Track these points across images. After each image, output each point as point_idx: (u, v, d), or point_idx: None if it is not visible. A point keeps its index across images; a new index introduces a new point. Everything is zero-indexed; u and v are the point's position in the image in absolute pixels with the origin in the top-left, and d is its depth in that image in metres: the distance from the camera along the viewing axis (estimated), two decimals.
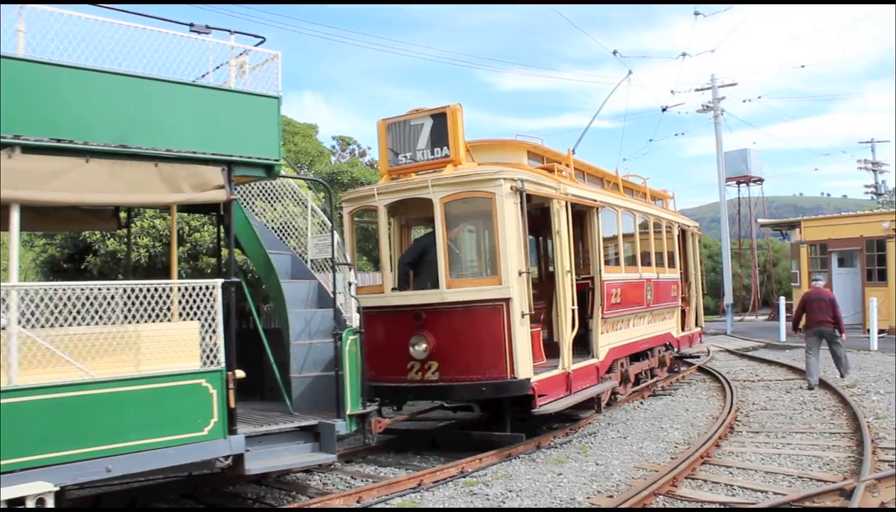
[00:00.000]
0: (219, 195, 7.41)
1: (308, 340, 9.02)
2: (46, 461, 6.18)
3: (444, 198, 10.19)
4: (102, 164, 6.71)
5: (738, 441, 10.34)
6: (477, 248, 12.33)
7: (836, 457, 9.08)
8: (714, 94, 34.21)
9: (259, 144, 7.73)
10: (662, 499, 7.71)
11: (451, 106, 10.48)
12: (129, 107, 6.91)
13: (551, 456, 9.80)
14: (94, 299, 6.80)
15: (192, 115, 7.37)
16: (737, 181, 42.17)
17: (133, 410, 6.70)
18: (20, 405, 6.10)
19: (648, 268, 14.81)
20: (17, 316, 6.24)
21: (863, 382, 14.63)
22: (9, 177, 6.15)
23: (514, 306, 9.92)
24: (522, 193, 10.16)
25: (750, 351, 22.51)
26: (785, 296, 28.50)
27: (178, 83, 7.31)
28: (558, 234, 11.12)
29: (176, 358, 7.09)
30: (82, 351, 6.62)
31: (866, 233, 25.36)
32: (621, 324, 13.28)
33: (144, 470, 6.95)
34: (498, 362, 9.86)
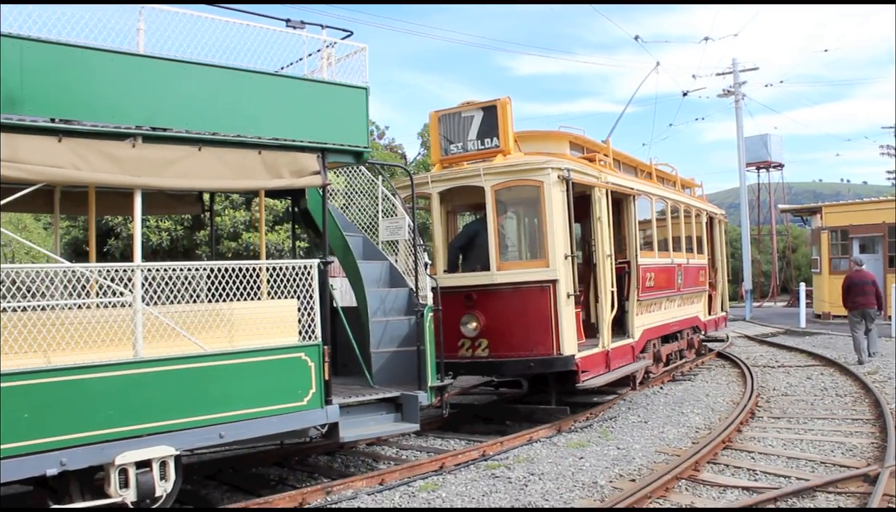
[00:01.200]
0: (315, 180, 7.92)
1: (384, 318, 9.52)
2: (168, 427, 6.70)
3: (494, 185, 10.76)
4: (213, 152, 7.16)
5: (759, 426, 10.32)
6: (524, 232, 12.83)
7: (859, 443, 9.03)
8: (735, 79, 33.93)
9: (349, 132, 8.23)
10: (685, 483, 7.71)
11: (501, 99, 11.07)
12: (235, 97, 7.40)
13: (572, 440, 9.82)
14: (205, 278, 7.32)
15: (290, 104, 7.82)
16: (756, 167, 41.90)
17: (242, 381, 7.22)
18: (145, 376, 6.64)
19: (679, 253, 15.33)
20: (140, 293, 6.71)
21: (885, 369, 14.54)
22: (133, 164, 6.61)
23: (561, 287, 10.48)
24: (568, 182, 10.71)
25: (769, 337, 22.42)
26: (805, 282, 28.33)
27: (278, 75, 7.85)
28: (599, 220, 11.65)
29: (277, 333, 7.61)
30: (195, 326, 7.10)
31: (889, 219, 25.09)
32: (654, 306, 13.81)
33: (252, 437, 7.51)
34: (545, 340, 10.41)
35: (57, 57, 6.36)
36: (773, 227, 44.02)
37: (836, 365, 15.31)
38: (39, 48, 6.24)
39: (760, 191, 44.03)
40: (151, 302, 6.98)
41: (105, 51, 6.61)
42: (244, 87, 7.49)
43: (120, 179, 6.67)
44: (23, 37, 6.18)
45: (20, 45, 6.11)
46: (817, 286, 27.82)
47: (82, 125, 6.41)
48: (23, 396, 5.99)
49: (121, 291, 6.71)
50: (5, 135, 5.99)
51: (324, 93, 8.12)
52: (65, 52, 6.40)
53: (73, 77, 6.43)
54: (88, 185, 7.89)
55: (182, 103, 7.05)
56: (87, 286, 7.04)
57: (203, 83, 7.23)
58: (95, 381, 6.39)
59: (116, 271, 6.78)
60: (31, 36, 6.23)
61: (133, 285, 6.70)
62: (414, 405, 8.62)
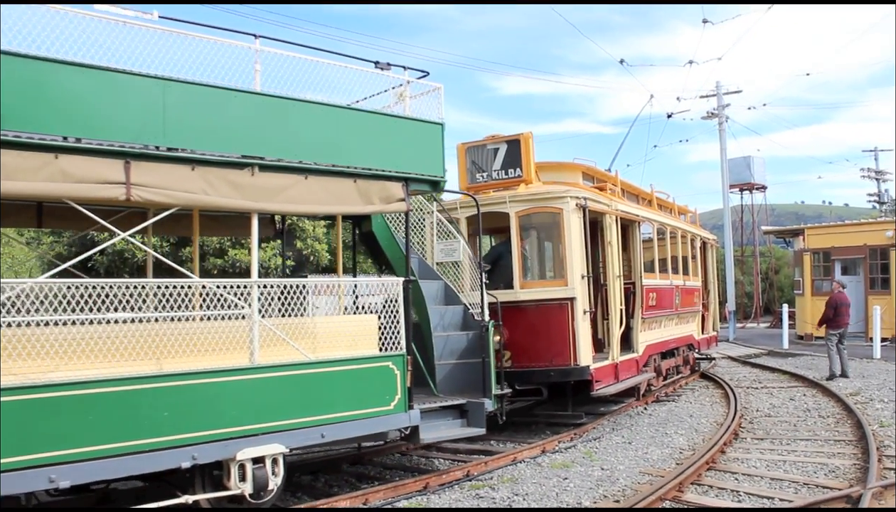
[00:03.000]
0: (400, 206, 8.78)
1: (444, 332, 10.36)
2: (279, 427, 7.48)
3: (518, 212, 11.94)
4: (317, 180, 8.00)
5: (743, 447, 10.35)
6: (545, 254, 13.95)
7: (842, 464, 9.09)
8: (719, 101, 34.22)
9: (428, 163, 9.13)
10: (669, 504, 7.73)
11: (524, 134, 12.38)
12: (335, 131, 8.26)
13: (557, 460, 9.82)
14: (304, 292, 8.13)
15: (380, 138, 8.69)
16: (740, 188, 42.24)
17: (339, 387, 8.05)
18: (261, 381, 7.44)
19: (677, 275, 16.46)
20: (257, 307, 7.47)
21: (866, 390, 14.64)
22: (251, 191, 7.43)
23: (578, 304, 11.57)
24: (585, 209, 11.91)
25: (753, 358, 22.53)
26: (787, 303, 28.51)
27: (370, 112, 8.76)
28: (610, 244, 12.84)
29: (362, 345, 8.43)
30: (295, 337, 7.83)
31: (870, 241, 25.37)
32: (655, 324, 14.89)
33: (348, 437, 8.35)
34: (563, 351, 11.46)
35: (192, 95, 7.13)
36: (756, 249, 44.38)
37: (819, 386, 15.40)
38: (179, 88, 7.00)
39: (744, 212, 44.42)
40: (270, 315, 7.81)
41: (232, 90, 7.42)
42: (342, 122, 8.34)
43: (241, 204, 7.47)
44: (165, 77, 6.91)
45: (163, 85, 6.89)
46: (800, 307, 28.01)
47: (212, 156, 7.18)
48: (165, 396, 6.77)
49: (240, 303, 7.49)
50: (151, 163, 6.79)
51: (407, 127, 9.03)
52: (198, 91, 7.19)
53: (205, 112, 7.22)
54: (215, 209, 8.63)
55: (292, 136, 7.85)
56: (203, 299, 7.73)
57: (309, 118, 8.09)
58: (222, 384, 7.17)
59: (238, 287, 7.53)
60: (173, 77, 6.97)
61: (251, 299, 7.47)
62: (480, 411, 9.42)
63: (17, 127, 6.13)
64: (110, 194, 6.62)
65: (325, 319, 8.35)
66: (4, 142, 6.05)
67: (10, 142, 6.09)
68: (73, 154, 6.42)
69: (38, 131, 6.25)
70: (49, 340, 6.41)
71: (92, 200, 6.81)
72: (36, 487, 6.20)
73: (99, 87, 6.60)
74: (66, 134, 6.38)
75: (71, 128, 6.40)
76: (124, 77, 6.72)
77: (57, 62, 6.37)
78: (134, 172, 6.69)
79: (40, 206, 8.75)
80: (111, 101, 6.64)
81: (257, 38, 7.71)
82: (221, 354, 7.34)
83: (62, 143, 6.35)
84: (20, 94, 6.15)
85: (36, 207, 8.73)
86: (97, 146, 6.53)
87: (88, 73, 6.54)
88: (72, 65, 6.45)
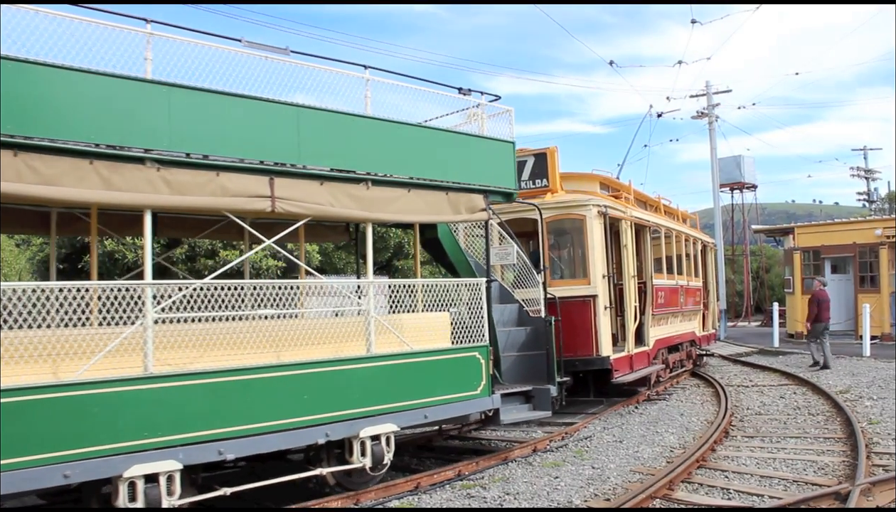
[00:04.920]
0: (482, 216, 9.84)
1: (505, 328, 11.26)
2: (392, 409, 8.51)
3: (546, 218, 12.91)
4: (418, 193, 9.03)
5: (733, 445, 10.39)
6: (570, 256, 14.96)
7: (831, 461, 9.13)
8: (709, 101, 34.33)
9: (503, 176, 10.20)
10: (659, 502, 7.75)
11: (550, 148, 13.69)
12: (431, 150, 9.39)
13: (548, 459, 9.84)
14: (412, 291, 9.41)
15: (465, 155, 9.79)
16: (730, 187, 42.36)
17: (437, 373, 9.14)
18: (376, 369, 8.47)
19: (681, 276, 17.80)
20: (373, 304, 8.50)
21: (856, 388, 14.73)
22: (367, 202, 8.42)
23: (599, 301, 12.95)
24: (606, 216, 13.27)
25: (743, 356, 22.62)
26: (778, 302, 28.61)
27: (457, 133, 9.91)
28: (625, 247, 14.10)
29: (438, 339, 9.38)
30: (383, 330, 8.68)
31: (859, 239, 25.48)
32: (663, 321, 16.13)
33: (445, 418, 9.54)
34: (587, 343, 12.80)
35: (320, 119, 8.21)
36: (747, 248, 44.50)
37: (809, 384, 15.48)
38: (310, 113, 8.09)
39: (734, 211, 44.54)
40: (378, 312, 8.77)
41: (351, 114, 8.50)
42: (437, 142, 9.52)
43: (359, 214, 8.48)
44: (299, 104, 7.95)
45: (297, 111, 7.92)
46: (790, 306, 28.10)
47: (336, 172, 8.19)
48: (307, 381, 7.78)
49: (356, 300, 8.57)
50: (289, 179, 7.75)
51: (486, 146, 10.11)
52: (325, 116, 8.27)
53: (330, 134, 8.28)
54: (339, 219, 9.56)
55: (397, 155, 8.89)
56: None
57: (411, 139, 9.19)
58: (349, 371, 8.18)
59: (355, 286, 8.73)
60: (307, 104, 8.07)
61: (367, 296, 8.49)
62: (546, 397, 10.51)
63: (188, 148, 7.06)
64: (259, 206, 7.53)
65: (410, 316, 9.16)
66: (179, 162, 6.98)
67: (182, 162, 7.01)
68: (230, 172, 7.35)
69: (204, 152, 7.17)
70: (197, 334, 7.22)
71: (244, 212, 7.69)
72: (209, 458, 6.99)
73: (250, 113, 7.61)
74: (226, 154, 7.32)
75: (229, 149, 7.36)
76: (268, 104, 7.74)
77: (219, 93, 7.36)
78: (277, 187, 7.64)
79: (156, 217, 9.16)
80: (258, 125, 7.66)
81: (367, 68, 8.86)
82: (339, 345, 8.32)
83: (223, 162, 7.29)
84: (190, 119, 7.16)
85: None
86: (249, 165, 7.49)
87: (243, 102, 7.55)
88: (229, 95, 7.43)
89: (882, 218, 28.15)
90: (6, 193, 6.11)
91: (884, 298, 24.52)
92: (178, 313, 7.07)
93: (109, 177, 6.58)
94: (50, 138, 6.27)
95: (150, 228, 6.99)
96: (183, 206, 7.30)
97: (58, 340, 6.41)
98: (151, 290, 6.88)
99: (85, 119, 6.52)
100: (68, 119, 6.42)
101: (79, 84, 6.52)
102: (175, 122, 7.00)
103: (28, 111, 6.21)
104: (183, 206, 7.24)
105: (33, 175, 6.18)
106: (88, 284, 6.74)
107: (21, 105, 6.16)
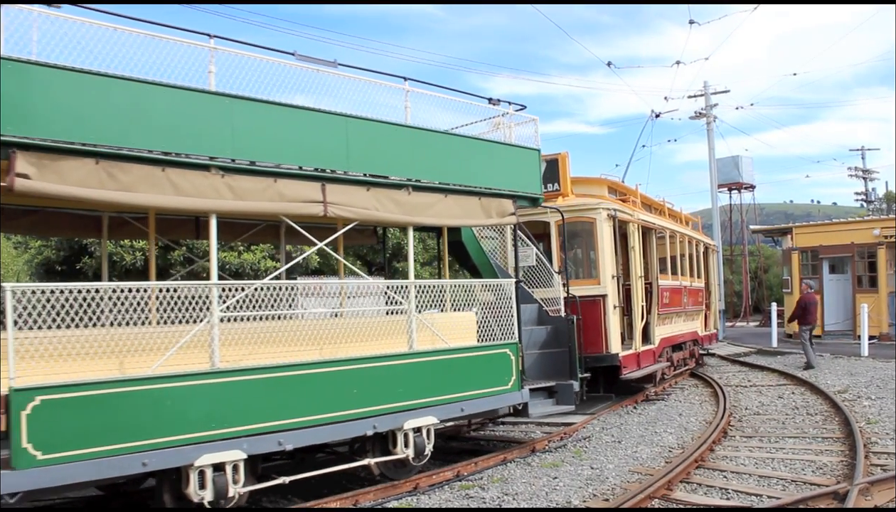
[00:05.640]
0: (511, 219, 10.35)
1: (526, 327, 11.50)
2: (432, 403, 9.03)
3: (558, 221, 13.43)
4: (453, 198, 9.54)
5: (731, 445, 10.40)
6: (580, 257, 15.51)
7: (829, 461, 9.15)
8: (707, 101, 34.35)
9: (529, 182, 10.72)
10: (658, 502, 7.76)
11: (562, 154, 14.13)
12: (465, 157, 9.87)
13: (546, 460, 9.86)
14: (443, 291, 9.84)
15: (495, 162, 10.30)
16: (728, 188, 42.37)
17: (472, 369, 9.62)
18: (418, 364, 8.98)
19: (685, 277, 18.37)
20: (414, 304, 9.06)
21: (854, 388, 14.76)
22: (408, 207, 8.98)
23: (609, 300, 13.43)
24: (615, 219, 13.77)
25: (742, 356, 22.65)
26: (776, 302, 28.62)
27: (488, 141, 10.42)
28: (633, 249, 14.64)
29: (465, 337, 9.84)
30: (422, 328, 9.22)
31: (857, 239, 25.46)
32: (668, 320, 16.64)
33: (480, 411, 9.87)
34: (597, 340, 13.29)
35: (366, 128, 8.65)
36: (745, 248, 44.53)
37: (807, 384, 15.52)
38: (357, 122, 8.54)
39: (732, 212, 44.56)
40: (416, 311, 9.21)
41: (394, 124, 9.03)
42: (469, 150, 10.02)
43: (400, 218, 8.99)
44: (347, 115, 8.45)
45: (345, 123, 8.40)
46: (789, 306, 28.08)
47: (380, 178, 8.71)
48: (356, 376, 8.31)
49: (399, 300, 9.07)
50: (339, 185, 8.26)
51: (514, 153, 10.65)
52: (370, 125, 8.73)
53: (374, 142, 8.73)
54: (383, 223, 10.37)
55: (434, 161, 9.42)
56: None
57: (447, 147, 9.72)
58: (393, 366, 8.71)
59: (398, 288, 9.15)
60: (352, 113, 8.52)
61: (409, 297, 9.07)
62: (569, 391, 11.05)
63: (250, 156, 7.53)
64: (312, 211, 8.00)
65: (440, 315, 9.69)
66: (241, 169, 7.45)
67: (244, 169, 7.48)
68: (286, 178, 7.81)
69: (264, 160, 7.65)
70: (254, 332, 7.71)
71: (299, 216, 8.12)
72: (270, 448, 7.42)
73: (304, 123, 8.11)
74: (282, 162, 7.79)
75: (286, 157, 7.84)
76: (320, 114, 8.26)
77: (276, 104, 7.85)
78: (329, 193, 8.12)
79: (197, 221, 10.08)
80: (311, 134, 8.17)
81: (406, 79, 9.36)
82: (378, 342, 8.79)
83: (279, 169, 7.76)
84: (250, 128, 7.60)
85: (194, 221, 10.11)
86: (303, 172, 7.98)
87: (297, 112, 8.04)
88: (285, 106, 7.93)
89: (880, 218, 28.16)
90: (91, 199, 6.60)
91: (882, 298, 24.57)
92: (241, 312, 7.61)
93: (179, 183, 7.03)
94: (129, 148, 6.71)
95: (215, 232, 7.41)
96: (244, 211, 7.77)
97: (126, 337, 6.86)
98: (217, 290, 7.33)
99: (158, 129, 6.95)
100: (144, 129, 6.85)
101: (154, 96, 6.96)
102: (237, 131, 7.49)
103: (108, 122, 6.64)
104: (245, 210, 7.71)
105: (113, 182, 6.59)
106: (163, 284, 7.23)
107: (103, 117, 6.60)
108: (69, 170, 6.36)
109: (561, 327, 11.73)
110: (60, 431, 6.16)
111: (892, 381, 15.37)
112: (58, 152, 6.31)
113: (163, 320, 6.97)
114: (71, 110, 6.42)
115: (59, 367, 6.35)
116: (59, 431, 6.16)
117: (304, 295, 8.60)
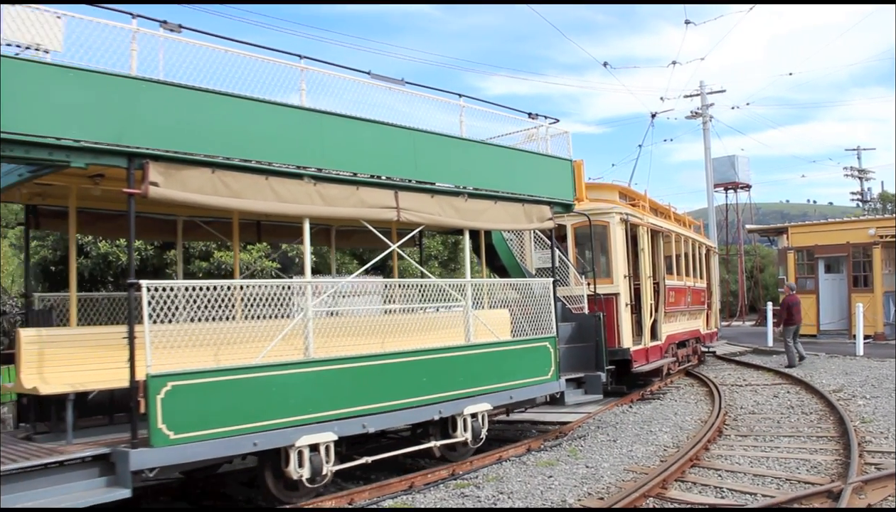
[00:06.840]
0: (549, 224, 11.33)
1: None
2: (486, 391, 10.00)
3: (574, 224, 14.87)
4: (502, 205, 10.50)
5: (726, 444, 10.45)
6: (594, 258, 16.06)
7: (824, 460, 9.19)
8: (703, 101, 34.48)
9: (563, 190, 11.72)
10: (653, 501, 7.79)
11: (577, 160, 14.13)
12: (511, 167, 10.89)
13: (542, 459, 9.89)
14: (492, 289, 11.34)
15: (535, 171, 11.26)
16: (724, 187, 42.46)
17: (519, 361, 10.60)
18: (473, 356, 9.95)
19: (688, 277, 19.36)
20: (471, 300, 10.09)
21: (849, 387, 14.81)
22: (465, 212, 9.90)
23: (621, 299, 14.46)
24: (627, 222, 14.86)
25: (737, 355, 22.73)
26: (772, 302, 28.66)
27: (530, 152, 11.40)
28: (643, 250, 15.60)
29: (501, 332, 10.62)
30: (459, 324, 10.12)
31: (853, 239, 25.60)
32: (673, 318, 17.60)
33: (526, 399, 10.77)
34: (610, 335, 14.00)
35: (430, 141, 9.62)
36: (741, 247, 44.64)
37: (803, 383, 15.59)
38: (423, 136, 9.52)
39: (728, 211, 44.65)
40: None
41: (453, 137, 10.06)
42: (514, 160, 11.02)
43: (458, 222, 9.90)
44: (415, 129, 9.41)
45: (412, 136, 9.35)
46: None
47: (442, 186, 9.60)
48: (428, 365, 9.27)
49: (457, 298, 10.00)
50: (409, 193, 9.12)
51: (551, 163, 11.64)
52: (433, 138, 9.71)
53: (437, 153, 9.70)
54: (444, 227, 11.22)
55: (485, 171, 10.37)
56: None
57: (495, 157, 10.72)
58: (455, 357, 9.66)
59: (456, 286, 10.07)
60: (419, 128, 9.51)
61: (465, 294, 10.04)
62: (598, 382, 12.04)
63: (337, 166, 8.39)
64: (387, 216, 8.88)
65: (480, 312, 10.45)
66: (329, 178, 8.27)
67: (332, 178, 8.33)
68: (367, 186, 8.68)
69: (349, 170, 8.50)
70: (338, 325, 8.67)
71: (376, 221, 8.95)
72: (355, 431, 8.27)
73: (379, 136, 8.97)
74: (363, 171, 8.64)
75: (365, 167, 8.69)
76: (393, 128, 9.14)
77: (358, 119, 8.74)
78: (401, 199, 8.97)
79: (259, 224, 11.01)
80: (386, 146, 9.03)
81: (462, 96, 10.41)
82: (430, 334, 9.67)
83: (360, 178, 8.61)
84: (337, 141, 8.44)
85: (256, 225, 11.01)
86: (379, 181, 8.85)
87: (374, 126, 8.93)
88: (365, 121, 8.81)
89: (875, 218, 28.26)
90: (208, 205, 7.34)
91: (877, 298, 24.71)
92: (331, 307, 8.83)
93: (279, 190, 7.80)
94: (238, 158, 7.46)
95: (308, 234, 8.20)
96: (332, 216, 8.72)
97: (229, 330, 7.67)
98: (311, 287, 8.22)
99: (260, 141, 7.70)
100: (249, 141, 7.60)
101: (256, 111, 7.73)
102: (326, 143, 8.31)
103: (220, 135, 7.37)
104: (333, 215, 8.63)
105: (226, 189, 7.31)
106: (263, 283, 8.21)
107: (216, 130, 7.34)
108: (190, 178, 7.04)
109: (584, 323, 12.65)
110: (187, 414, 6.85)
111: (886, 380, 15.44)
112: (181, 163, 7.02)
113: (246, 316, 7.99)
114: (190, 124, 7.14)
115: (172, 357, 7.00)
116: (187, 413, 6.85)
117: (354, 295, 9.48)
